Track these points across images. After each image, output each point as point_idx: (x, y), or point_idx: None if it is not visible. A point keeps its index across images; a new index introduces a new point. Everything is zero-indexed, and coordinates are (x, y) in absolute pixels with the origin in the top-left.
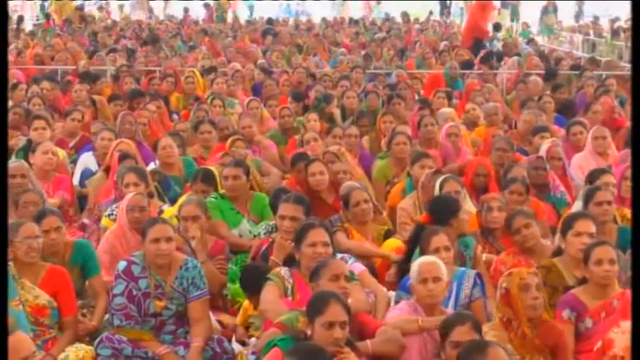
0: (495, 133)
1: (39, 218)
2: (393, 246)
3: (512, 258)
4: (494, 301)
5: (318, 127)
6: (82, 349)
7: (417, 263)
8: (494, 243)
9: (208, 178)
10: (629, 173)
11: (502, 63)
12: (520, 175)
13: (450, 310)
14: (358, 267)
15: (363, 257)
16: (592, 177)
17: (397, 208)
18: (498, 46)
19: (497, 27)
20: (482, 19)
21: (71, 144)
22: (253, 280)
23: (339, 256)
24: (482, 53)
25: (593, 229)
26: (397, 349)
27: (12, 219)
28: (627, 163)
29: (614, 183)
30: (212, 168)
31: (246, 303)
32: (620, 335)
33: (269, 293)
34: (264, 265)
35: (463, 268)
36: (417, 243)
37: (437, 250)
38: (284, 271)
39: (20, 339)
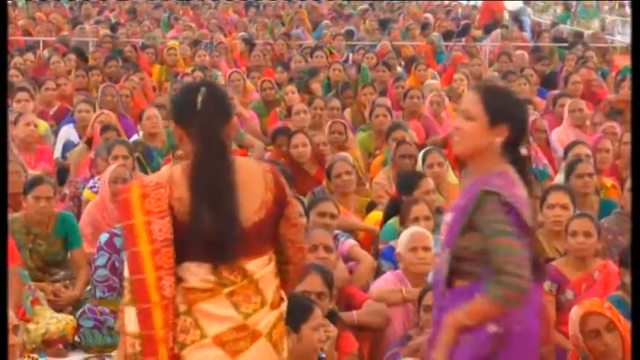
0: None
1: (34, 184)
2: (377, 219)
3: None
4: None
5: (298, 98)
6: (64, 319)
7: (407, 232)
8: None
9: None
10: (602, 145)
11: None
12: None
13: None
14: (349, 242)
15: (347, 231)
16: (567, 149)
17: (372, 183)
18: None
19: None
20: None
21: (50, 113)
22: None
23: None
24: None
25: (566, 200)
26: (382, 321)
27: None
28: (608, 135)
29: (586, 153)
30: None
31: None
32: None
33: None
34: None
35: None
36: (390, 216)
37: (416, 220)
38: None
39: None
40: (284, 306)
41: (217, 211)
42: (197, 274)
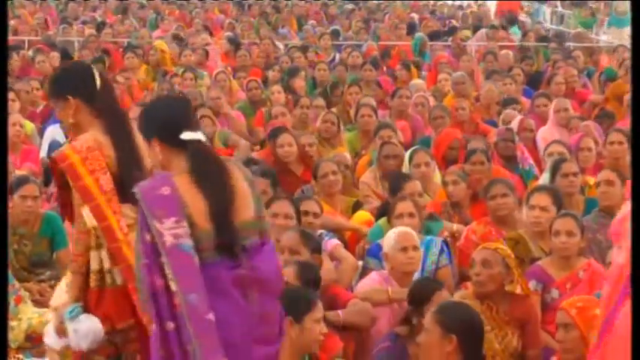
0: (459, 105)
1: (19, 183)
2: (363, 219)
3: (483, 227)
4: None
5: (283, 98)
6: (45, 312)
7: (393, 232)
8: (461, 214)
9: None
10: (584, 143)
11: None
12: (480, 146)
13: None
14: (333, 242)
15: (334, 230)
16: (545, 149)
17: (359, 182)
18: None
19: None
20: None
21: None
22: None
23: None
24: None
25: (546, 202)
26: (368, 320)
27: None
28: (590, 134)
29: (559, 152)
30: None
31: None
32: None
33: None
34: None
35: (430, 236)
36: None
37: (400, 216)
38: None
39: None
40: None
41: (133, 161)
42: (126, 213)
